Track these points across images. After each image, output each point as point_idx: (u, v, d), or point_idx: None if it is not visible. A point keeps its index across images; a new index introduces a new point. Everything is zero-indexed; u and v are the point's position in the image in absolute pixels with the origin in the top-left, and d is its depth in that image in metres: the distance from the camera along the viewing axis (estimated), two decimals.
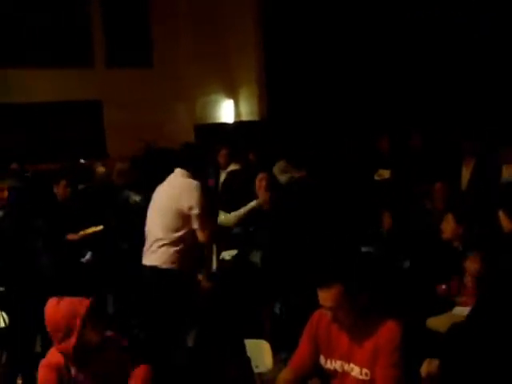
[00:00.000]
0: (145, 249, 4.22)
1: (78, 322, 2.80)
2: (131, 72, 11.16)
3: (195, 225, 4.01)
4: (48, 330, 2.87)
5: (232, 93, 11.99)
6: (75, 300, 2.88)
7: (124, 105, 10.62)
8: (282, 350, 3.90)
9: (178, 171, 4.19)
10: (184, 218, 4.02)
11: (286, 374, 2.83)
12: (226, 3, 11.45)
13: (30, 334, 4.74)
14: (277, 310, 4.74)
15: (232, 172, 6.87)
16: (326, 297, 2.63)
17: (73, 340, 2.78)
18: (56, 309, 2.84)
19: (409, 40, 8.88)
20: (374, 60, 9.44)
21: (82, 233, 5.62)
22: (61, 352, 2.85)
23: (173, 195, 4.08)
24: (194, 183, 4.07)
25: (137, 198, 5.99)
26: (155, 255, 4.10)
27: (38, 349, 4.66)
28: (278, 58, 10.81)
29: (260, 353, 3.52)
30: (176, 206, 4.02)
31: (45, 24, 10.48)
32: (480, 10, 7.92)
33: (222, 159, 7.10)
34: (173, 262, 4.06)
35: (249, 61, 11.38)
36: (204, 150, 4.62)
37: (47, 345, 4.50)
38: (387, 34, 9.16)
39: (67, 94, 10.54)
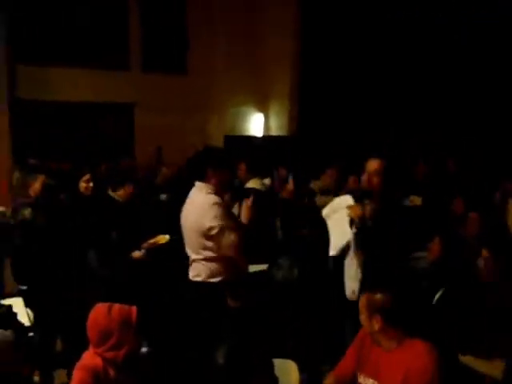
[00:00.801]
0: None
1: (132, 331, 2.85)
2: (165, 77, 11.22)
3: (217, 243, 3.94)
4: (95, 336, 2.86)
5: (263, 106, 12.00)
6: (125, 308, 2.89)
7: (156, 109, 10.66)
8: (303, 372, 3.86)
9: (198, 186, 4.04)
10: (208, 237, 3.95)
11: (328, 379, 3.17)
12: (264, 15, 11.44)
13: (51, 332, 4.79)
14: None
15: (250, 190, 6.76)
16: (365, 323, 2.94)
17: (126, 348, 2.83)
18: (108, 317, 2.83)
19: (449, 68, 8.91)
20: (412, 82, 9.40)
21: (146, 245, 5.44)
22: (104, 358, 2.86)
23: (194, 216, 3.99)
24: (212, 201, 3.91)
25: (163, 196, 6.00)
26: (191, 270, 4.13)
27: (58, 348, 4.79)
28: (313, 74, 10.80)
29: (286, 372, 3.49)
30: (198, 227, 3.95)
31: (85, 24, 10.58)
32: None
33: (241, 174, 7.01)
34: (207, 276, 4.04)
35: (283, 75, 11.36)
36: (229, 157, 4.51)
37: (68, 345, 4.60)
38: (429, 56, 9.15)
39: (102, 94, 10.60)
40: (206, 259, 3.99)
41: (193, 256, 4.07)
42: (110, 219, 5.17)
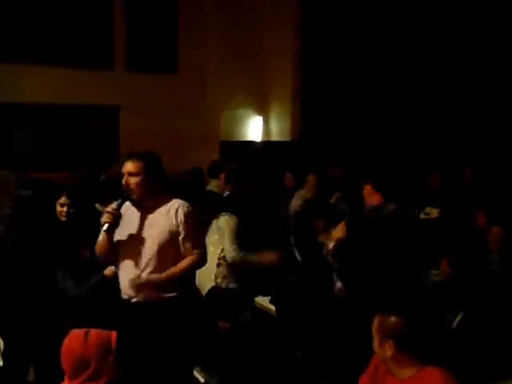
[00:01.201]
0: None
1: (111, 360, 2.77)
2: (153, 77, 11.19)
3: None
4: (70, 366, 2.79)
5: (262, 108, 12.04)
6: (103, 333, 2.82)
7: (143, 112, 10.67)
8: None
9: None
10: None
11: None
12: (263, 8, 11.53)
13: (23, 361, 4.69)
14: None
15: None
16: (377, 349, 2.97)
17: (104, 379, 2.74)
18: (85, 344, 2.76)
19: (457, 69, 9.08)
20: (422, 84, 9.50)
21: None
22: None
23: None
24: None
25: None
26: None
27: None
28: (318, 73, 10.85)
29: None
30: None
31: (61, 19, 10.53)
32: None
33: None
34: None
35: (284, 73, 11.43)
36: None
37: (42, 375, 4.51)
38: (436, 54, 9.28)
39: (82, 96, 10.60)
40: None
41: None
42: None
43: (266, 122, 12.10)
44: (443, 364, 2.93)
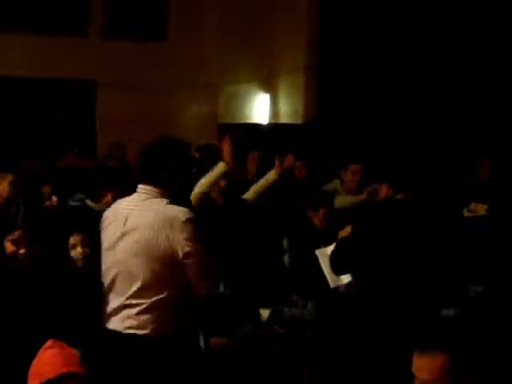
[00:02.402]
0: None
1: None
2: (137, 46, 11.19)
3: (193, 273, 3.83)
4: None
5: (269, 84, 11.96)
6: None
7: (125, 88, 10.64)
8: None
9: (148, 192, 3.86)
10: (174, 267, 3.80)
11: None
12: None
13: None
14: None
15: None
16: (423, 366, 2.73)
17: None
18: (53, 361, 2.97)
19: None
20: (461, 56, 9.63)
21: None
22: None
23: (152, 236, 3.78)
24: (186, 215, 3.76)
25: None
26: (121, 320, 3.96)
27: None
28: (336, 41, 10.76)
29: None
30: (158, 252, 3.77)
31: None
32: None
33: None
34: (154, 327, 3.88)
35: (296, 41, 11.31)
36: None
37: None
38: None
39: (50, 69, 10.57)
40: (159, 302, 3.76)
41: (125, 298, 3.79)
42: None
43: (274, 101, 12.02)
44: None
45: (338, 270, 4.83)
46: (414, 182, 6.96)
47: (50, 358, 3.02)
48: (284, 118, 11.88)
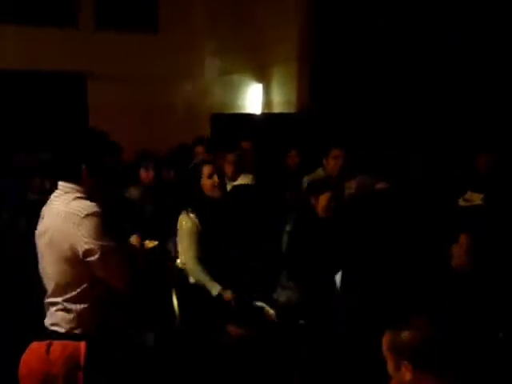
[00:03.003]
0: None
1: (81, 376, 2.85)
2: (128, 37, 11.19)
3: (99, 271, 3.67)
4: None
5: (262, 74, 11.94)
6: (69, 346, 2.77)
7: (116, 80, 10.67)
8: None
9: (62, 188, 3.74)
10: (78, 265, 3.65)
11: None
12: None
13: None
14: None
15: (241, 187, 6.82)
16: (393, 373, 2.92)
17: None
18: (47, 359, 2.74)
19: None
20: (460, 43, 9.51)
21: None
22: None
23: (59, 234, 3.67)
24: (86, 210, 3.60)
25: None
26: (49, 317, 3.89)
27: None
28: (331, 29, 10.72)
29: None
30: (64, 251, 3.65)
31: None
32: None
33: (229, 166, 7.07)
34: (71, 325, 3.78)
35: (289, 29, 11.25)
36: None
37: None
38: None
39: (40, 61, 10.54)
40: (71, 300, 3.68)
41: (51, 297, 3.75)
42: None
43: (267, 91, 12.00)
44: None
45: None
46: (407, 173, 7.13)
47: None
48: (277, 108, 11.85)
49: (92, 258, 3.50)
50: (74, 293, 3.59)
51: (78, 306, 3.59)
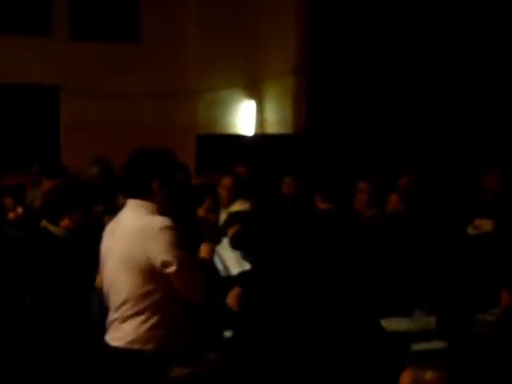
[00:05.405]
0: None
1: None
2: (106, 47, 11.27)
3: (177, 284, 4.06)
4: None
5: (254, 90, 11.97)
6: None
7: (92, 95, 10.66)
8: None
9: (133, 205, 4.17)
10: (155, 278, 4.02)
11: None
12: None
13: None
14: None
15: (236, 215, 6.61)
16: None
17: None
18: None
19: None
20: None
21: None
22: None
23: (132, 248, 4.04)
24: (160, 224, 4.01)
25: None
26: (112, 331, 4.19)
27: None
28: (329, 42, 10.76)
29: None
30: (138, 263, 4.01)
31: None
32: None
33: (223, 192, 7.03)
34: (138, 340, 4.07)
35: (284, 42, 11.29)
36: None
37: None
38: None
39: (9, 73, 10.50)
40: (143, 312, 4.00)
41: (114, 311, 4.11)
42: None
43: (260, 109, 12.03)
44: None
45: None
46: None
47: None
48: (271, 128, 11.86)
49: (169, 270, 3.90)
50: (145, 309, 3.95)
51: (149, 324, 3.97)
